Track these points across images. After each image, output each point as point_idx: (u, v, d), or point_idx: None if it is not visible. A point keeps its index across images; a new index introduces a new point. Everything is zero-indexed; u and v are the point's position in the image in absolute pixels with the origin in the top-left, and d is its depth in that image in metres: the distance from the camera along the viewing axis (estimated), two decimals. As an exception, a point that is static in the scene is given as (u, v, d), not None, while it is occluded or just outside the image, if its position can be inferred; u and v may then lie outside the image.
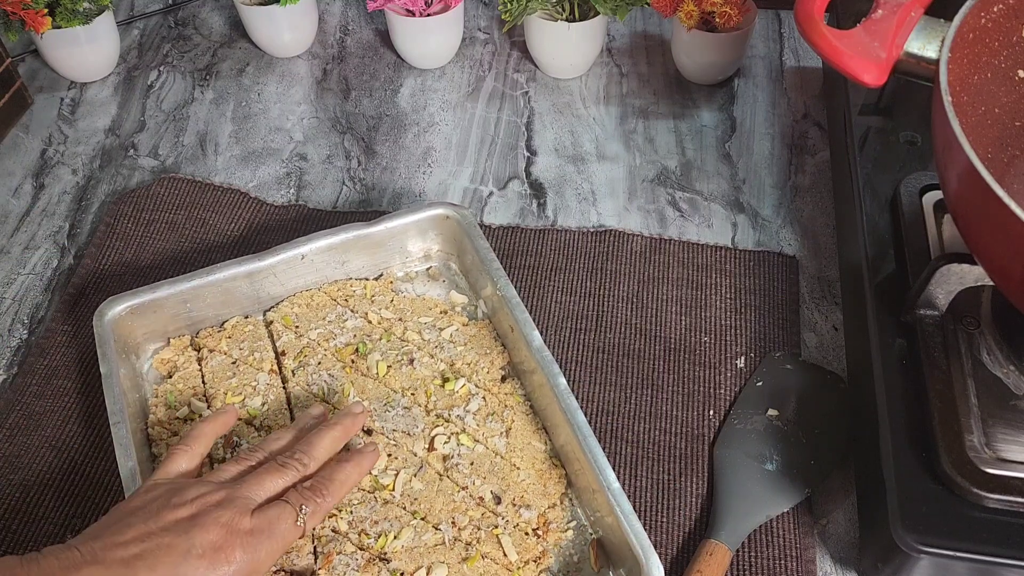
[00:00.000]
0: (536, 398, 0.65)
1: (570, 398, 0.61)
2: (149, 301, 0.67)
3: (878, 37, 0.53)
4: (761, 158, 0.88)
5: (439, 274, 0.76)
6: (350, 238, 0.71)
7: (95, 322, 0.65)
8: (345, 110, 0.95)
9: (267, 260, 0.70)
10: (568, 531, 0.60)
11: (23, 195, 0.86)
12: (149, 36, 1.04)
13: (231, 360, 0.68)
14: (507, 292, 0.67)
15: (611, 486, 0.57)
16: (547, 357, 0.63)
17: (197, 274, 0.68)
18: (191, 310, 0.69)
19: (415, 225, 0.73)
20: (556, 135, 0.91)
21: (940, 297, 0.59)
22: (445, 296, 0.74)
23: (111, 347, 0.64)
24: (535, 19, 0.92)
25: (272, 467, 0.54)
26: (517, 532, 0.59)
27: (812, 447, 0.64)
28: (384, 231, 0.72)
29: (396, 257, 0.75)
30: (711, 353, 0.71)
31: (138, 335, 0.68)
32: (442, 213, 0.73)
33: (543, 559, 0.59)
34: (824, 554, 0.61)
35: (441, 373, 0.67)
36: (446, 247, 0.75)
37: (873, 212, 0.68)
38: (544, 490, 0.61)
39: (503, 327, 0.69)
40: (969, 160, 0.45)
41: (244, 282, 0.70)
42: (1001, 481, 0.52)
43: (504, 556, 0.58)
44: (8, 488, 0.64)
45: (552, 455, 0.63)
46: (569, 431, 0.60)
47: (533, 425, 0.65)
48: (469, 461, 0.62)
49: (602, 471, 0.57)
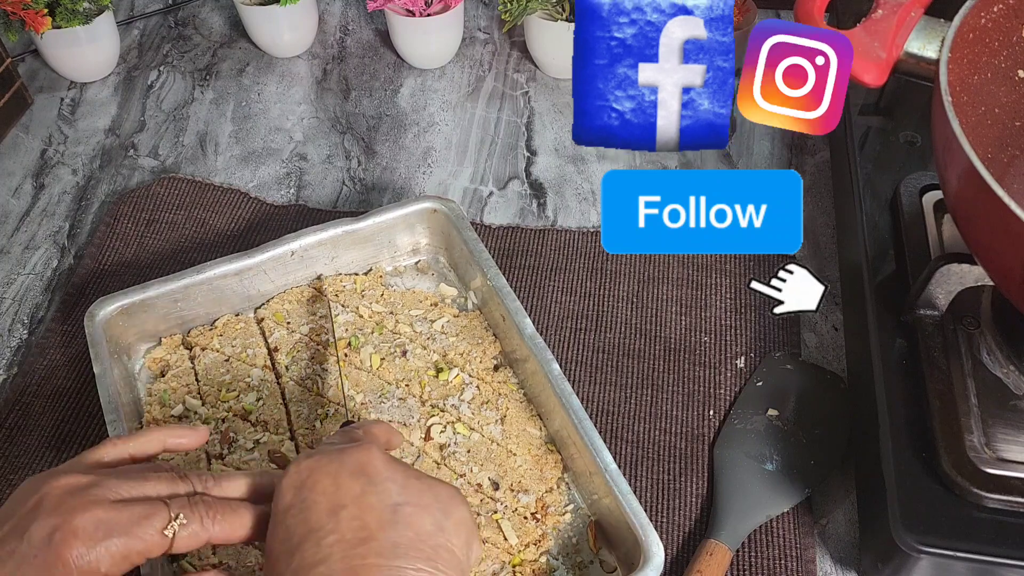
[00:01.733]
0: (530, 385, 0.66)
1: (564, 383, 0.61)
2: (139, 301, 0.67)
3: (878, 37, 0.53)
4: (761, 158, 0.88)
5: (428, 267, 0.76)
6: (339, 234, 0.72)
7: (86, 323, 0.65)
8: (345, 110, 0.95)
9: (256, 257, 0.70)
10: (566, 514, 0.61)
11: (23, 195, 0.86)
12: (149, 36, 1.04)
13: (224, 357, 0.68)
14: (497, 282, 0.67)
15: (608, 467, 0.57)
16: (540, 344, 0.63)
17: (187, 273, 0.68)
18: (182, 309, 0.69)
19: (403, 219, 0.73)
20: (556, 135, 0.91)
21: (940, 297, 0.59)
22: (435, 289, 0.74)
23: (103, 347, 0.64)
24: (535, 19, 0.92)
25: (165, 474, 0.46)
26: (516, 516, 0.60)
27: (812, 447, 0.64)
28: (372, 226, 0.72)
29: (385, 252, 0.75)
30: (711, 353, 0.71)
31: (130, 335, 0.68)
32: (430, 207, 0.73)
33: (543, 542, 0.59)
34: (824, 554, 0.61)
35: (434, 364, 0.68)
36: (434, 240, 0.76)
37: (873, 212, 0.68)
38: (541, 475, 0.62)
39: (494, 317, 0.69)
40: (969, 160, 0.45)
41: (234, 280, 0.70)
42: (1001, 481, 0.52)
43: (505, 540, 0.59)
44: (8, 488, 0.64)
45: (547, 441, 0.64)
46: (564, 416, 0.60)
47: (528, 412, 0.65)
48: (466, 449, 0.63)
49: (599, 453, 0.58)
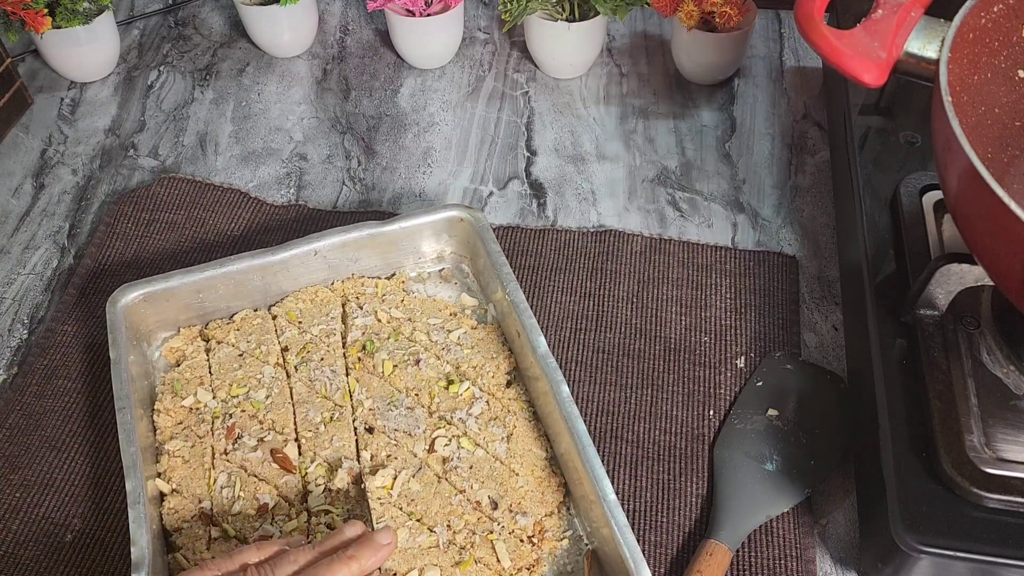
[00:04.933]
0: (539, 405, 0.65)
1: (572, 406, 0.60)
2: (162, 290, 0.68)
3: (878, 37, 0.52)
4: (761, 158, 0.88)
5: (451, 276, 0.76)
6: (364, 236, 0.71)
7: (108, 308, 0.66)
8: (345, 110, 0.95)
9: (280, 255, 0.70)
10: (564, 540, 0.60)
11: (23, 195, 0.86)
12: (149, 36, 1.04)
13: (238, 352, 0.68)
14: (516, 297, 0.67)
15: (607, 497, 0.56)
16: (551, 364, 0.63)
17: (210, 265, 0.69)
18: (203, 300, 0.70)
19: (430, 226, 0.73)
20: (556, 135, 0.91)
21: (940, 297, 0.59)
22: (456, 298, 0.74)
23: (122, 333, 0.65)
24: (535, 19, 0.92)
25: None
26: (512, 538, 0.59)
27: (812, 447, 0.64)
28: (399, 230, 0.72)
29: (409, 257, 0.75)
30: (711, 353, 0.71)
31: (150, 322, 0.69)
32: (457, 215, 0.73)
33: (536, 567, 0.58)
34: (824, 554, 0.61)
35: (446, 375, 0.67)
36: (459, 249, 0.75)
37: (873, 212, 0.68)
38: (542, 498, 0.61)
39: (511, 332, 0.68)
40: (969, 160, 0.45)
41: (256, 275, 0.70)
42: (1001, 481, 0.52)
43: (497, 562, 0.57)
44: (8, 488, 0.64)
45: (552, 463, 0.63)
46: (569, 439, 0.59)
47: (535, 431, 0.64)
48: (468, 464, 0.62)
49: (599, 481, 0.57)
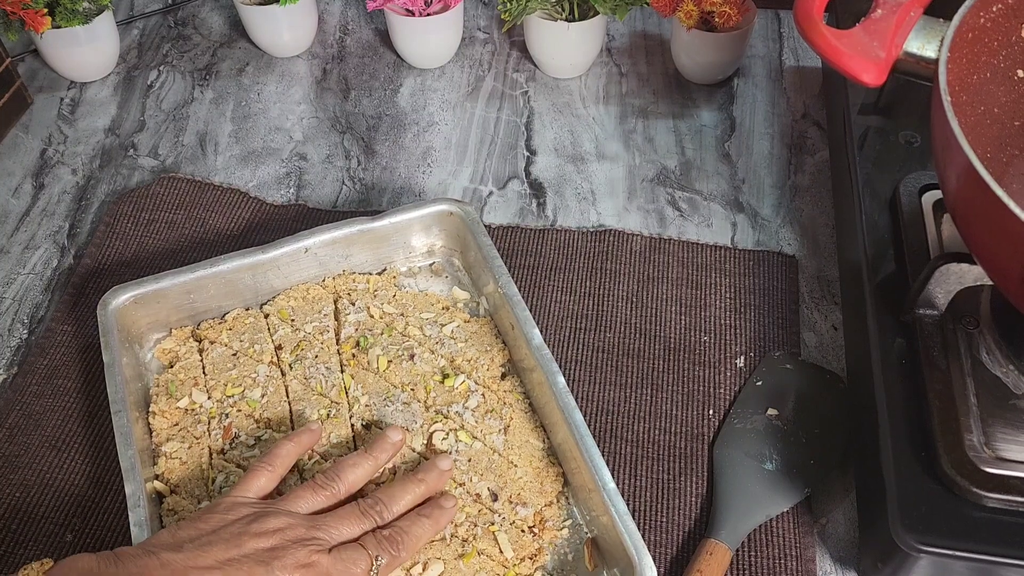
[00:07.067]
0: (535, 396, 0.65)
1: (568, 396, 0.61)
2: (153, 291, 0.67)
3: (877, 37, 0.52)
4: (760, 158, 0.88)
5: (442, 270, 0.76)
6: (354, 232, 0.72)
7: (99, 311, 0.66)
8: (345, 110, 0.95)
9: (271, 253, 0.70)
10: (564, 529, 0.60)
11: (23, 195, 0.86)
12: (149, 36, 1.04)
13: (231, 352, 0.68)
14: (508, 290, 0.67)
15: (606, 485, 0.56)
16: (546, 355, 0.63)
17: (201, 265, 0.69)
18: (194, 301, 0.70)
19: (419, 221, 0.73)
20: (556, 135, 0.91)
21: (939, 297, 0.59)
22: (448, 292, 0.74)
23: (114, 336, 0.64)
24: (535, 19, 0.92)
25: (353, 511, 0.55)
26: (513, 529, 0.59)
27: (812, 447, 0.64)
28: (388, 226, 0.72)
29: (400, 252, 0.75)
30: (711, 353, 0.71)
31: (142, 324, 0.69)
32: (446, 209, 0.73)
33: (539, 556, 0.59)
34: (824, 554, 0.61)
35: (441, 369, 0.67)
36: (450, 243, 0.75)
37: (873, 212, 0.68)
38: (541, 488, 0.61)
39: (504, 324, 0.69)
40: (968, 160, 0.45)
41: (247, 274, 0.70)
42: (1001, 481, 0.52)
43: (500, 553, 0.58)
44: (8, 488, 0.64)
45: (549, 453, 0.64)
46: (566, 429, 0.60)
47: (531, 423, 0.65)
48: (467, 458, 0.62)
49: (598, 470, 0.57)
